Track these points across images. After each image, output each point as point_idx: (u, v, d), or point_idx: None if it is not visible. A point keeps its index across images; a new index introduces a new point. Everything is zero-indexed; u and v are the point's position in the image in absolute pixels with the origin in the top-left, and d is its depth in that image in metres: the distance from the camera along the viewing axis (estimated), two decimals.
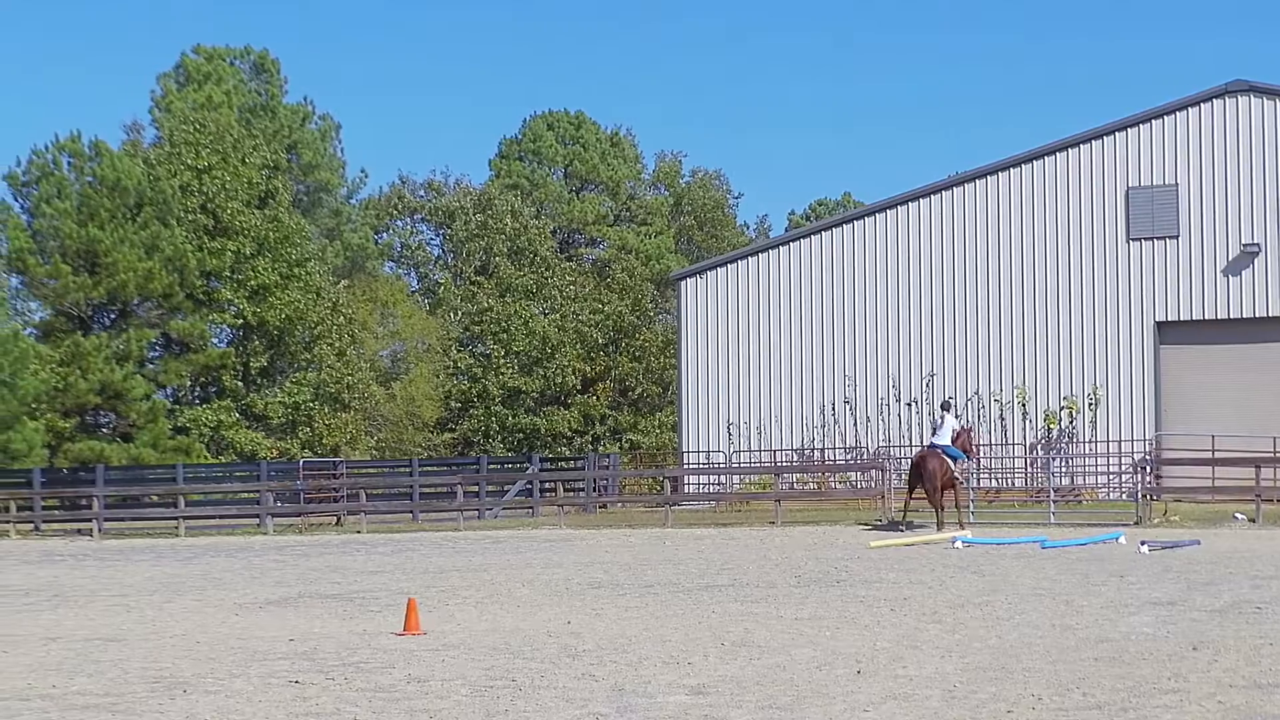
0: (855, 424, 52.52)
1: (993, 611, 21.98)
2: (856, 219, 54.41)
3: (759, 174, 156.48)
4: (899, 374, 52.31)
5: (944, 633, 19.85)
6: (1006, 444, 50.98)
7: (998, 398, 51.23)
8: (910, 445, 50.93)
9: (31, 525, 52.50)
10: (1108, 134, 51.02)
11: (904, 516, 41.18)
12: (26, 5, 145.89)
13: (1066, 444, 50.55)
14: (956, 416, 44.95)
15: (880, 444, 51.94)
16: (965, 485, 42.65)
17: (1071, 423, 50.60)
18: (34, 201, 69.76)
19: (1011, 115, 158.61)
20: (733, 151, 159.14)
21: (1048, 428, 50.85)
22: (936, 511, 40.30)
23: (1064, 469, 49.45)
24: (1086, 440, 50.23)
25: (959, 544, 34.86)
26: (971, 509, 42.64)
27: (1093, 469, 49.38)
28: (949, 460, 40.60)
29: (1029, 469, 50.71)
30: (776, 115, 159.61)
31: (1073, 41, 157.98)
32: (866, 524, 42.22)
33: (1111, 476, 48.64)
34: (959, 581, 26.50)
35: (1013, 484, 50.17)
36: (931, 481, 39.90)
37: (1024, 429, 51.11)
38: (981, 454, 46.96)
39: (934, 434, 42.17)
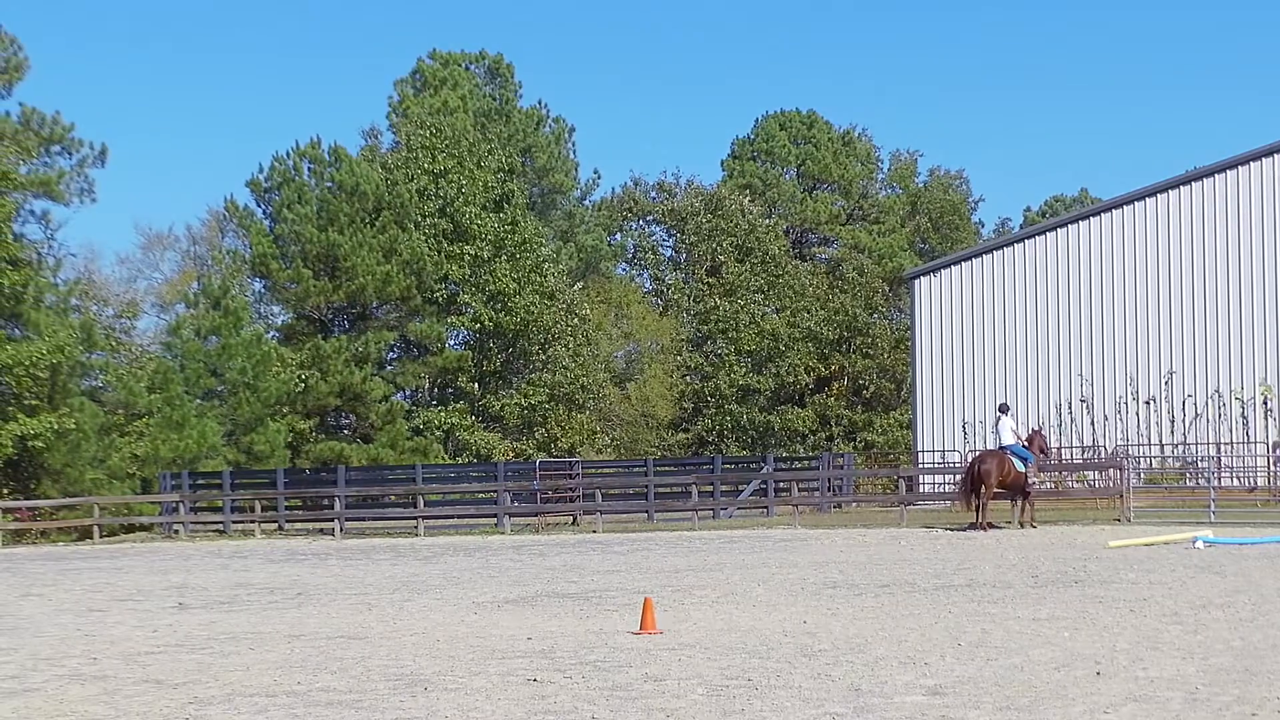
0: (1092, 423, 51.87)
1: (1236, 613, 21.60)
2: (1093, 215, 53.76)
3: (996, 171, 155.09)
4: (1136, 372, 51.58)
5: (1185, 634, 19.55)
6: (1249, 442, 50.07)
7: (1239, 395, 50.33)
8: (1150, 444, 50.36)
9: (275, 524, 53.48)
10: None
11: (981, 519, 40.78)
12: (268, 17, 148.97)
13: None
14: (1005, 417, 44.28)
15: (1118, 443, 51.26)
16: (1036, 487, 42.60)
17: None
18: (276, 207, 71.32)
19: (1255, 108, 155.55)
20: (968, 149, 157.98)
21: None
22: (978, 510, 40.58)
23: None
24: None
25: (1199, 544, 34.29)
26: (1213, 509, 41.92)
27: None
28: (1013, 461, 40.81)
29: (1273, 467, 49.75)
30: (1013, 111, 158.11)
31: None
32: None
33: None
34: (1200, 582, 26.07)
35: (1256, 483, 49.26)
36: (985, 481, 40.24)
37: (1267, 426, 50.17)
38: (1053, 455, 46.60)
39: (997, 436, 42.05)
